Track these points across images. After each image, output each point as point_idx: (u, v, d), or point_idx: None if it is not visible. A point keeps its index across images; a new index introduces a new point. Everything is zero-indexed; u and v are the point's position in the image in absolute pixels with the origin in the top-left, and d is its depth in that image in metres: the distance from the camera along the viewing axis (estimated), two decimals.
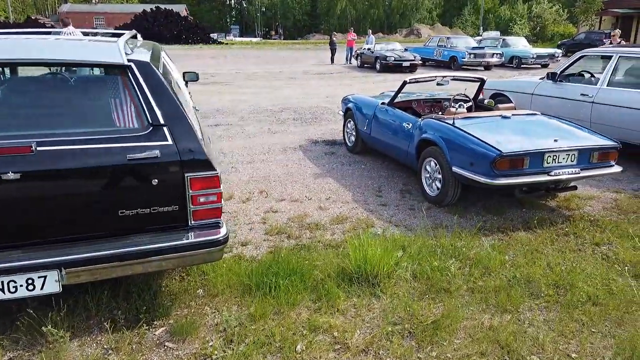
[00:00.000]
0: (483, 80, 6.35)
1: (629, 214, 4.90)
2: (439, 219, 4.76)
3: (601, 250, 4.06)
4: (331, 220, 4.66)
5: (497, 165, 4.36)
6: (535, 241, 4.19)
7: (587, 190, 5.66)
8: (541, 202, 5.21)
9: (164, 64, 3.95)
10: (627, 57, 6.71)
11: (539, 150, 4.45)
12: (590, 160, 4.67)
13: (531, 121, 5.18)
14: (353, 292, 3.29)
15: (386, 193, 5.48)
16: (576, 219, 4.75)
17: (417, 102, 6.47)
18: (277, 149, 7.40)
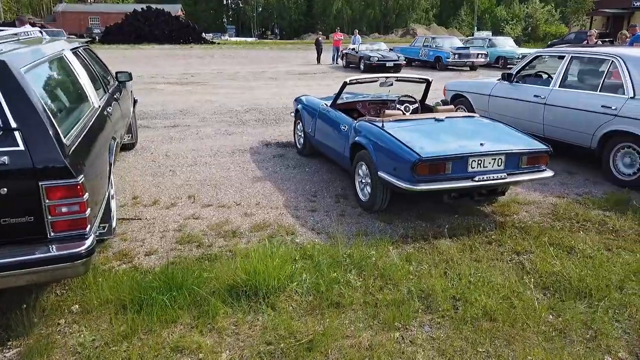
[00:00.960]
0: (428, 82, 6.16)
1: (562, 221, 4.72)
2: (365, 226, 4.58)
3: (519, 259, 3.89)
4: (252, 227, 4.48)
5: (417, 170, 4.18)
6: (454, 250, 4.01)
7: (530, 194, 5.49)
8: (477, 208, 5.03)
9: (63, 65, 3.77)
10: (579, 58, 6.54)
11: (462, 154, 4.27)
12: (519, 164, 4.49)
13: (465, 124, 5.00)
14: (239, 307, 3.11)
15: (321, 198, 5.30)
16: (507, 225, 4.57)
17: (363, 104, 6.28)
18: (226, 151, 7.22)
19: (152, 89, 15.07)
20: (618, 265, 3.77)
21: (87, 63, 4.89)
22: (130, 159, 6.65)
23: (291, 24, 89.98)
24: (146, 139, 7.88)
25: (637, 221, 4.66)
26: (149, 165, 6.35)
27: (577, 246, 4.10)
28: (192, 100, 12.28)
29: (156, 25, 46.64)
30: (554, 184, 5.89)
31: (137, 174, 5.98)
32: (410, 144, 4.33)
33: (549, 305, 3.21)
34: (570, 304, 3.22)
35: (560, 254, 3.98)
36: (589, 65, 6.50)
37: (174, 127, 8.96)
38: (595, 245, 4.16)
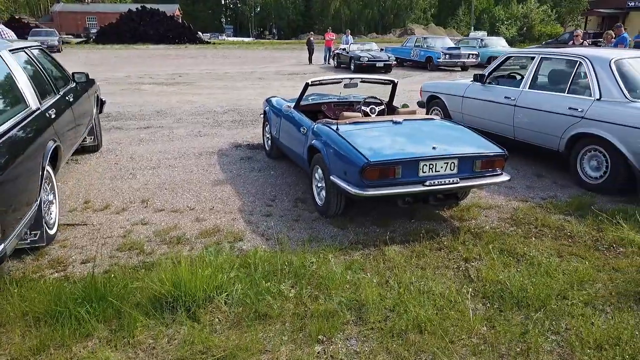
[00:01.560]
0: (394, 83, 6.04)
1: (520, 226, 4.61)
2: (317, 232, 4.47)
3: (466, 267, 3.77)
4: (200, 233, 4.37)
5: (365, 174, 4.07)
6: (401, 257, 3.90)
7: (494, 198, 5.38)
8: (436, 212, 4.92)
9: None
10: (548, 59, 6.42)
11: (413, 158, 4.16)
12: (473, 168, 4.37)
13: (422, 126, 4.88)
14: (161, 320, 2.99)
15: (279, 202, 5.19)
16: (462, 230, 4.46)
17: (328, 105, 6.16)
18: (194, 153, 7.11)
19: (137, 89, 14.97)
20: (566, 273, 3.65)
21: (34, 64, 4.77)
22: (92, 161, 6.54)
23: (289, 24, 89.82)
24: (115, 140, 7.77)
25: (595, 226, 4.54)
26: (110, 168, 6.23)
27: (528, 253, 3.99)
28: (173, 101, 12.17)
29: (151, 25, 46.53)
30: (520, 188, 5.78)
31: (95, 177, 5.86)
32: (360, 148, 4.22)
33: (485, 316, 3.09)
34: (507, 315, 3.10)
35: (509, 261, 3.86)
36: (557, 67, 6.39)
37: (147, 128, 8.85)
38: (547, 251, 4.05)
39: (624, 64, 5.56)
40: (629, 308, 3.22)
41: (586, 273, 3.66)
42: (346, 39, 26.76)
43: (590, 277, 3.62)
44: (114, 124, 9.11)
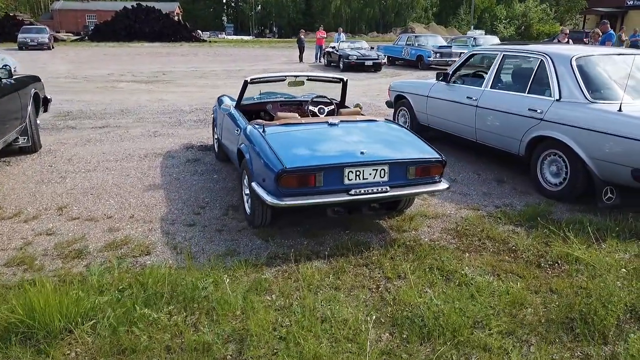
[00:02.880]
0: (343, 81, 5.63)
1: (462, 238, 4.21)
2: (238, 244, 4.08)
3: (386, 287, 3.36)
4: (106, 245, 3.97)
5: (282, 182, 3.67)
6: (320, 274, 3.50)
7: (444, 206, 4.98)
8: (374, 222, 4.51)
9: None
10: (511, 56, 5.99)
11: (337, 164, 3.75)
12: (406, 175, 3.96)
13: (359, 129, 4.46)
14: (12, 353, 2.58)
15: (210, 209, 4.80)
16: (397, 243, 4.06)
17: (274, 105, 5.75)
18: (140, 154, 6.72)
19: (112, 87, 14.61)
20: (495, 295, 3.24)
21: None
22: (25, 163, 6.15)
23: (290, 22, 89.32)
24: (61, 141, 7.38)
25: (543, 239, 4.13)
26: (41, 171, 5.85)
27: (460, 270, 3.58)
28: (143, 99, 11.79)
29: (146, 22, 46.19)
30: (476, 194, 5.38)
31: (21, 180, 5.47)
32: (280, 152, 3.81)
33: (386, 349, 2.68)
34: (412, 348, 2.69)
35: (436, 280, 3.46)
36: (519, 65, 5.98)
37: (103, 127, 8.46)
38: (482, 269, 3.65)
39: (586, 62, 5.14)
40: (557, 339, 2.81)
41: (518, 295, 3.25)
42: (338, 37, 26.30)
43: (522, 300, 3.21)
44: (70, 123, 8.72)
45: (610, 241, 4.09)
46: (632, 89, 4.90)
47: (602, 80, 4.99)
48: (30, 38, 31.83)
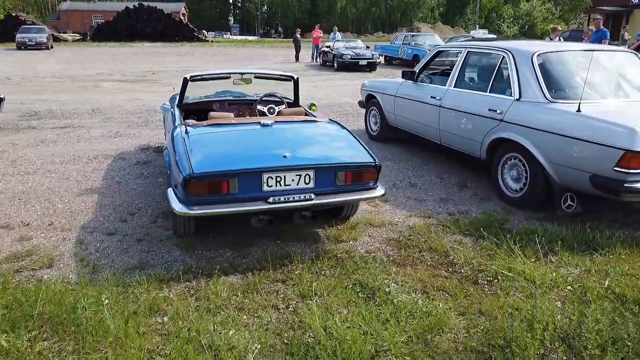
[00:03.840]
0: (294, 79, 5.28)
1: (403, 250, 3.87)
2: (153, 256, 3.76)
3: (296, 307, 3.01)
4: (7, 257, 3.67)
5: (190, 188, 3.33)
6: (228, 292, 3.17)
7: (394, 213, 4.66)
8: (311, 231, 4.17)
9: None
10: (475, 53, 5.62)
11: (252, 169, 3.40)
12: (335, 182, 3.60)
13: (293, 131, 4.12)
14: None
15: (139, 216, 4.48)
16: (329, 256, 3.72)
17: (221, 104, 5.41)
18: (90, 156, 6.42)
19: (94, 86, 14.37)
20: (417, 317, 2.89)
21: None
22: None
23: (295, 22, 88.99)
24: (13, 142, 7.10)
25: (488, 251, 3.77)
26: None
27: (385, 287, 3.22)
28: (119, 99, 11.51)
29: (148, 22, 46.06)
30: (433, 200, 5.02)
31: None
32: (193, 156, 3.47)
33: None
34: None
35: (357, 299, 3.12)
36: (482, 62, 5.61)
37: (64, 128, 8.17)
38: (412, 285, 3.29)
39: (548, 59, 4.77)
40: None
41: (441, 317, 2.89)
42: (334, 36, 25.94)
43: (444, 324, 2.85)
44: (32, 123, 8.44)
45: (562, 254, 3.72)
46: (595, 87, 4.53)
47: (563, 79, 4.62)
48: (29, 38, 31.72)
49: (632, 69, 4.92)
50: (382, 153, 6.84)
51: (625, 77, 4.84)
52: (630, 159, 3.69)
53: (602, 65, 4.90)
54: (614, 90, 4.68)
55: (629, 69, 4.93)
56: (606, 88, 4.67)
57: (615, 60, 5.04)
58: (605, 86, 4.69)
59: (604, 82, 4.75)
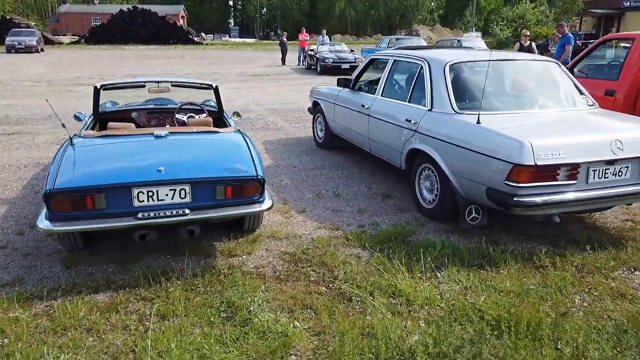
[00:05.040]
0: (213, 88, 5.20)
1: (292, 265, 3.83)
2: (33, 272, 3.69)
3: (143, 330, 2.93)
4: None
5: (52, 204, 3.26)
6: (84, 314, 3.09)
7: (303, 225, 4.58)
8: (211, 244, 4.09)
9: None
10: (400, 62, 5.54)
11: (121, 184, 3.33)
12: (215, 196, 3.52)
13: (184, 142, 4.05)
14: None
15: (35, 231, 4.38)
16: (212, 272, 3.65)
17: (140, 113, 5.34)
18: (21, 164, 6.41)
19: (68, 90, 14.37)
20: (265, 339, 2.81)
21: None
22: None
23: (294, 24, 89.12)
24: None
25: (374, 266, 3.68)
26: None
27: (250, 306, 3.14)
28: (85, 104, 11.42)
29: (142, 25, 46.17)
30: (349, 211, 4.96)
31: None
32: (62, 170, 3.41)
33: None
34: None
35: (216, 319, 3.04)
36: (405, 71, 5.51)
37: (12, 134, 8.18)
38: (280, 304, 3.22)
39: (460, 69, 4.68)
40: None
41: (290, 339, 2.83)
42: (322, 39, 25.91)
43: (291, 346, 2.78)
44: None
45: (450, 269, 3.63)
46: (503, 99, 4.46)
47: (472, 90, 4.52)
48: (18, 41, 31.80)
49: (549, 80, 4.84)
50: (321, 161, 6.78)
51: (540, 87, 4.76)
52: (519, 172, 3.60)
53: (517, 75, 4.82)
54: (522, 101, 4.59)
55: (546, 79, 4.85)
56: (515, 99, 4.60)
57: (533, 71, 4.95)
58: (514, 97, 4.62)
59: (514, 93, 4.68)
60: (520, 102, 4.60)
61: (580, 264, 3.76)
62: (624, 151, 3.77)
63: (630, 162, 3.86)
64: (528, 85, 4.78)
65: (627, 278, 3.61)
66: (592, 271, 3.65)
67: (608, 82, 6.69)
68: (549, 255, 3.87)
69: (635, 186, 3.92)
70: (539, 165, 3.59)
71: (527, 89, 4.75)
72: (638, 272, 3.71)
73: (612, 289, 3.42)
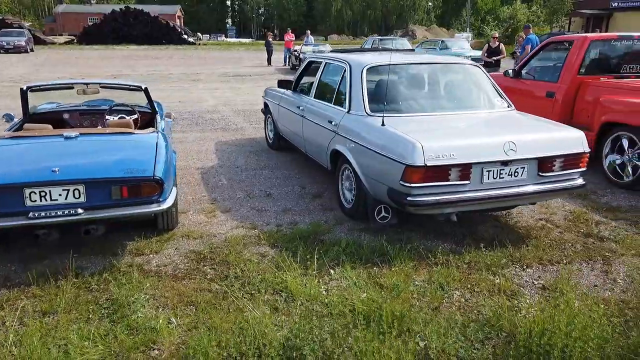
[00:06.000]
0: (142, 89, 5.29)
1: (196, 263, 3.90)
2: None
3: (17, 326, 3.02)
4: None
5: None
6: None
7: (223, 224, 4.69)
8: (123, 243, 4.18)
9: None
10: (330, 64, 5.62)
11: (12, 184, 3.42)
12: (111, 196, 3.61)
13: (91, 143, 4.13)
14: None
15: None
16: (112, 271, 3.73)
17: (72, 115, 5.43)
18: None
19: None
20: (137, 334, 2.90)
21: None
22: None
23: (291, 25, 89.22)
24: None
25: (269, 264, 3.78)
26: None
27: (131, 304, 3.23)
28: None
29: (134, 25, 46.28)
30: (274, 211, 5.06)
31: None
32: None
33: None
34: None
35: (95, 316, 3.14)
36: (333, 73, 5.59)
37: None
38: (164, 301, 3.32)
39: (378, 72, 4.78)
40: None
41: (159, 335, 2.89)
42: (307, 40, 26.01)
43: (156, 341, 2.86)
44: None
45: (345, 266, 3.72)
46: (411, 101, 4.55)
47: (384, 92, 4.60)
48: (7, 41, 31.91)
49: (468, 83, 4.93)
50: (266, 162, 6.87)
51: (457, 90, 4.86)
52: (411, 173, 3.69)
53: (437, 78, 4.91)
54: (435, 104, 4.68)
55: (465, 82, 4.94)
56: (429, 102, 4.68)
57: (453, 74, 5.04)
58: (428, 100, 4.70)
59: (430, 95, 4.76)
60: (433, 104, 4.69)
61: (473, 261, 3.84)
62: (517, 152, 3.85)
63: (526, 163, 3.94)
64: (445, 88, 4.87)
65: (516, 275, 3.69)
66: (481, 268, 3.73)
67: (549, 84, 6.79)
68: (445, 252, 3.95)
69: (531, 186, 4.01)
70: (428, 166, 3.67)
71: (443, 91, 4.84)
72: (529, 270, 3.79)
73: (495, 285, 3.50)
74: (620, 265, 3.85)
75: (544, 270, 3.80)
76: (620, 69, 6.60)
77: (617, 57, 6.63)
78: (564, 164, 4.03)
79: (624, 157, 5.61)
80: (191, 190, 5.63)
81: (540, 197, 4.11)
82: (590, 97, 6.20)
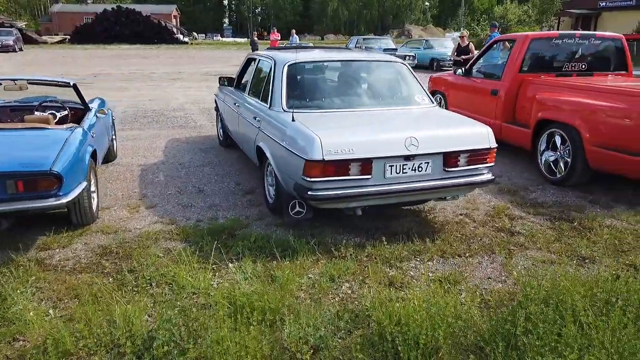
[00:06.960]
0: (71, 85, 5.29)
1: (96, 258, 3.88)
2: None
3: None
4: None
5: None
6: None
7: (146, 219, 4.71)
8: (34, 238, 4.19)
9: None
10: (262, 62, 5.61)
11: None
12: (6, 190, 3.65)
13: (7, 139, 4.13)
14: None
15: None
16: (15, 266, 3.72)
17: (3, 110, 5.43)
18: None
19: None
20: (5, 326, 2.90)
21: None
22: None
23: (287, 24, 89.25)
24: None
25: (170, 258, 3.78)
26: None
27: (12, 297, 3.23)
28: None
29: (126, 25, 46.29)
30: (201, 207, 5.10)
31: None
32: None
33: None
34: None
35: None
36: (264, 70, 5.59)
37: None
38: (50, 294, 3.33)
39: (297, 69, 4.80)
40: None
41: (22, 326, 2.90)
42: (292, 39, 26.02)
43: (24, 332, 2.86)
44: None
45: (245, 260, 3.74)
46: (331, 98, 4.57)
47: (303, 89, 4.63)
48: None
49: (391, 80, 4.94)
50: (212, 159, 6.88)
51: (378, 87, 4.87)
52: (310, 167, 3.71)
53: (358, 75, 4.92)
54: (352, 100, 4.69)
55: (388, 79, 4.96)
56: (345, 98, 4.68)
57: (377, 71, 5.05)
58: (345, 96, 4.71)
59: (348, 92, 4.76)
60: (350, 101, 4.69)
61: (374, 254, 3.85)
62: (419, 148, 3.86)
63: (429, 158, 3.95)
64: (367, 85, 4.88)
65: (413, 268, 3.71)
66: (379, 261, 3.74)
67: (494, 82, 6.81)
68: (350, 246, 3.96)
69: (436, 181, 4.01)
70: (326, 161, 3.68)
71: (364, 88, 4.84)
72: (430, 263, 3.80)
73: (387, 278, 3.51)
74: (520, 259, 3.86)
75: (444, 263, 3.81)
76: (562, 67, 6.61)
77: (559, 56, 6.64)
78: (470, 159, 4.03)
79: (557, 154, 5.61)
80: (123, 186, 5.64)
81: (446, 191, 4.11)
82: (530, 94, 6.22)
